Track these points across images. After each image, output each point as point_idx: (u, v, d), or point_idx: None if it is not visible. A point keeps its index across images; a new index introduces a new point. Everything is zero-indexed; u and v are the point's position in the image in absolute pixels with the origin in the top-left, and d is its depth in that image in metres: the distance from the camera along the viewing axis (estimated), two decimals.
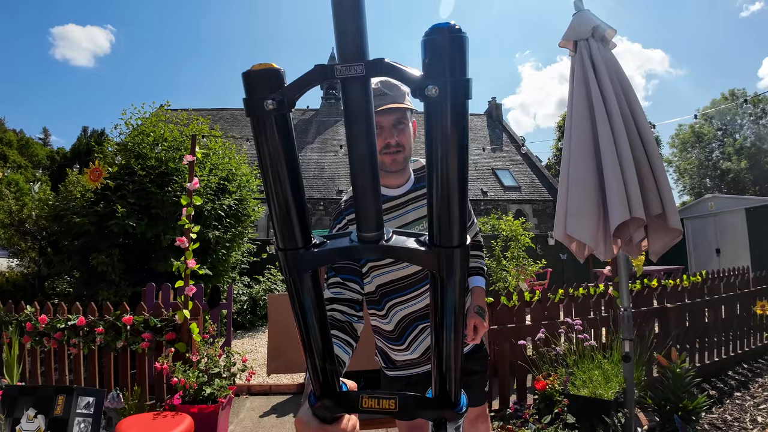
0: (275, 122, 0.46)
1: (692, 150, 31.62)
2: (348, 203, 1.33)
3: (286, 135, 0.48)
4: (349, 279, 1.22)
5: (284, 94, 0.45)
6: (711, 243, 11.43)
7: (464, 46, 0.43)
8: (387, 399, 0.65)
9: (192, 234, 3.18)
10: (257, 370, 4.78)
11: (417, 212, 1.31)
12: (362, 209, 0.53)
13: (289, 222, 0.51)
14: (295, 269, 0.53)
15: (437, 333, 0.58)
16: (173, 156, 5.77)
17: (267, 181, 0.50)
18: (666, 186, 1.94)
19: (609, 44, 2.44)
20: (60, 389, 1.31)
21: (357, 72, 0.44)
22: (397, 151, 1.23)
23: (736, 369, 4.02)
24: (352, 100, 0.47)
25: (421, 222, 1.31)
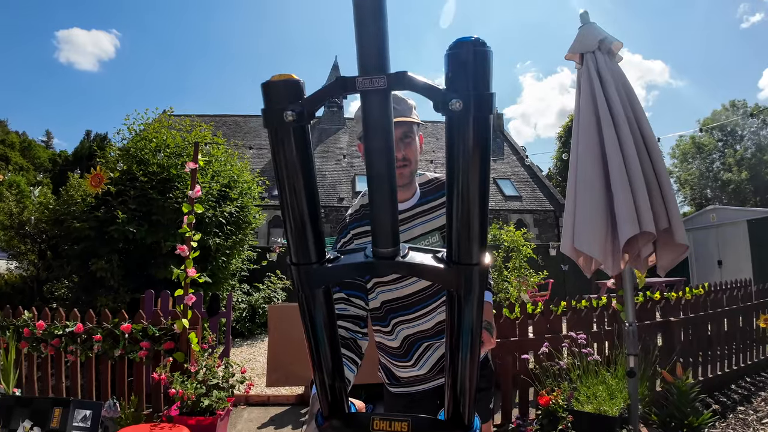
0: (294, 134, 0.45)
1: (693, 161, 31.71)
2: (353, 217, 1.30)
3: (305, 147, 0.47)
4: (353, 295, 1.20)
5: (304, 106, 0.44)
6: (713, 254, 11.39)
7: (488, 60, 0.43)
8: (399, 422, 0.62)
9: (193, 242, 3.16)
10: (255, 380, 4.72)
11: (423, 227, 1.29)
12: (379, 225, 0.51)
13: (303, 236, 0.50)
14: (308, 285, 0.52)
15: (453, 353, 0.56)
16: (175, 162, 5.76)
17: (283, 193, 0.50)
18: (672, 200, 1.93)
19: (615, 57, 2.43)
20: (57, 401, 1.28)
21: (378, 85, 0.43)
22: (403, 165, 1.22)
23: (738, 383, 3.99)
24: (373, 114, 0.46)
25: (427, 237, 1.29)
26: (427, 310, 1.31)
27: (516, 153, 20.41)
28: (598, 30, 2.37)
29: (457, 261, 0.48)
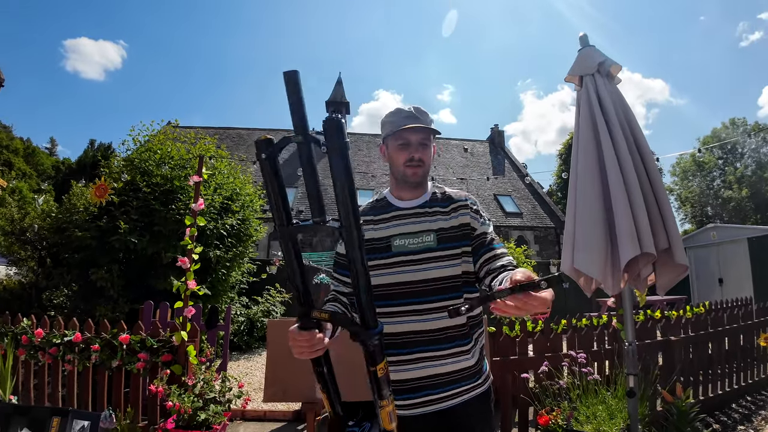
0: (267, 164, 0.90)
1: (693, 178, 31.82)
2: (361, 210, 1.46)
3: (276, 171, 0.92)
4: (343, 274, 1.38)
5: (272, 151, 0.90)
6: (714, 272, 11.36)
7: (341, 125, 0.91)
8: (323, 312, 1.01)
9: (194, 255, 3.17)
10: (252, 394, 4.68)
11: (420, 226, 1.36)
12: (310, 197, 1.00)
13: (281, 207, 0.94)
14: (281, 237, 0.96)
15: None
16: (179, 174, 5.80)
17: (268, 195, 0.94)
18: (672, 220, 1.94)
19: (614, 79, 2.48)
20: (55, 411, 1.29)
21: (300, 140, 0.88)
22: (418, 165, 1.36)
23: (739, 402, 3.97)
24: (302, 157, 0.91)
25: (421, 235, 1.34)
26: (409, 308, 1.30)
27: (517, 170, 20.51)
28: (597, 53, 2.42)
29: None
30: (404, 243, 1.33)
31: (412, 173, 1.36)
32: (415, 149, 1.35)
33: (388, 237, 1.35)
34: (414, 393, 1.31)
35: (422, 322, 1.29)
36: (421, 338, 1.30)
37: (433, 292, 1.29)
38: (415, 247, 1.32)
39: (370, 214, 1.41)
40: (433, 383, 1.30)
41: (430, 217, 1.36)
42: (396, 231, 1.36)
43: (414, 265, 1.31)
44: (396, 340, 1.30)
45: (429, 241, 1.32)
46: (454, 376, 1.31)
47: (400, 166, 1.37)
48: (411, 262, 1.31)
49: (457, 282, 1.30)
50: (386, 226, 1.38)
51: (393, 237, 1.35)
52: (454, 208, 1.37)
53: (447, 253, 1.31)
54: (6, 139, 36.04)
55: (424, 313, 1.30)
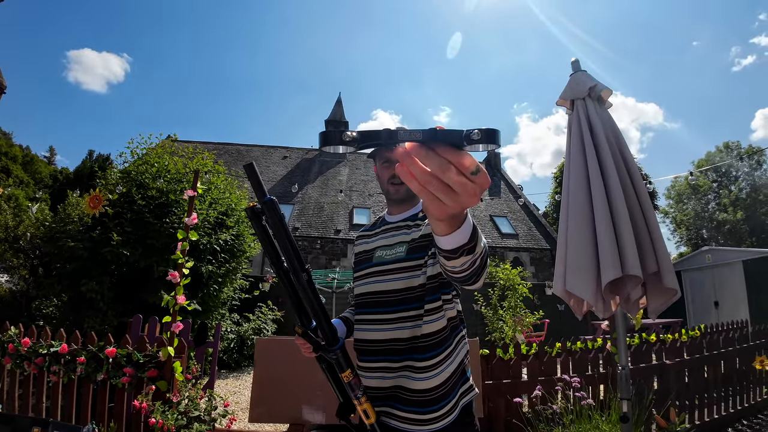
0: (256, 218, 0.99)
1: (688, 201, 32.07)
2: (358, 235, 1.57)
3: (280, 219, 0.98)
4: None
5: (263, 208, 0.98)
6: (709, 295, 11.34)
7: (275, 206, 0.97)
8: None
9: (185, 269, 3.14)
10: (239, 414, 4.57)
11: (399, 238, 1.39)
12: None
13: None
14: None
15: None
16: (174, 188, 5.80)
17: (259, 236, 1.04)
18: (661, 244, 1.95)
19: (605, 104, 2.53)
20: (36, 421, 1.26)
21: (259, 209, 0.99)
22: (400, 183, 1.39)
23: (735, 426, 3.91)
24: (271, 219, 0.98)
25: (394, 248, 1.38)
26: (383, 318, 1.31)
27: (512, 191, 20.66)
28: (589, 78, 2.48)
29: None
30: (382, 255, 1.39)
31: (395, 190, 1.41)
32: (395, 167, 1.37)
33: (373, 249, 1.43)
34: (395, 402, 1.25)
35: (382, 331, 1.30)
36: (381, 347, 1.30)
37: (393, 303, 1.31)
38: (389, 258, 1.37)
39: (366, 230, 1.52)
40: (411, 399, 1.23)
41: (407, 230, 1.39)
42: (380, 243, 1.43)
43: (385, 275, 1.35)
44: (367, 347, 1.34)
45: (400, 252, 1.35)
46: (430, 395, 1.22)
47: (384, 183, 1.42)
48: (384, 272, 1.36)
49: (420, 292, 1.27)
50: (375, 239, 1.45)
51: (377, 249, 1.42)
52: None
53: (411, 264, 1.31)
54: (5, 146, 36.06)
55: (385, 322, 1.31)
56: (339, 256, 15.45)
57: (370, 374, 1.30)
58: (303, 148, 22.15)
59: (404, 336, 1.26)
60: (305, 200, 17.75)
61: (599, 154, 2.10)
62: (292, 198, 17.77)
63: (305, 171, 19.61)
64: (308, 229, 16.06)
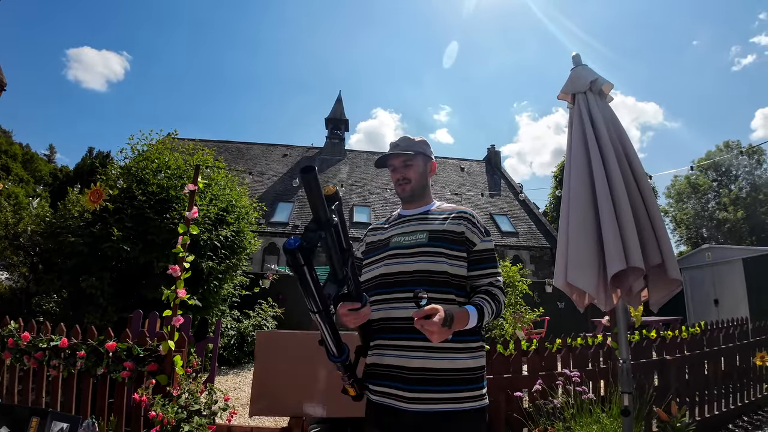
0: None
1: (688, 200, 32.03)
2: (370, 228, 1.70)
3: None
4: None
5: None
6: (709, 293, 11.34)
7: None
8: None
9: (185, 263, 3.13)
10: (239, 410, 4.56)
11: (418, 227, 1.52)
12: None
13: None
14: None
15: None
16: (175, 184, 5.79)
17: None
18: (665, 236, 1.94)
19: (606, 97, 2.52)
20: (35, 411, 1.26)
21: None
22: (404, 183, 1.58)
23: (736, 422, 3.93)
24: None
25: (415, 234, 1.49)
26: (400, 295, 1.38)
27: (513, 190, 20.64)
28: (590, 71, 2.47)
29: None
30: (400, 240, 1.50)
31: (401, 190, 1.59)
32: (399, 171, 1.59)
33: (388, 237, 1.54)
34: (410, 385, 1.32)
35: (399, 309, 1.38)
36: (409, 325, 1.30)
37: (419, 283, 1.37)
38: (408, 242, 1.47)
39: (379, 224, 1.66)
40: (428, 378, 1.32)
41: (428, 222, 1.52)
42: (396, 232, 1.54)
43: (404, 258, 1.44)
44: (386, 325, 1.40)
45: (421, 238, 1.46)
46: (449, 375, 1.32)
47: (394, 187, 1.62)
48: (403, 255, 1.45)
49: (443, 278, 1.39)
50: (389, 230, 1.57)
51: (392, 237, 1.53)
52: (452, 217, 1.51)
53: (433, 250, 1.42)
54: (5, 144, 36.04)
55: (404, 300, 1.37)
56: None
57: (402, 352, 1.35)
58: (303, 146, 22.13)
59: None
60: (305, 198, 17.72)
61: (601, 147, 2.09)
62: (293, 195, 17.76)
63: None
64: None
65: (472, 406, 1.33)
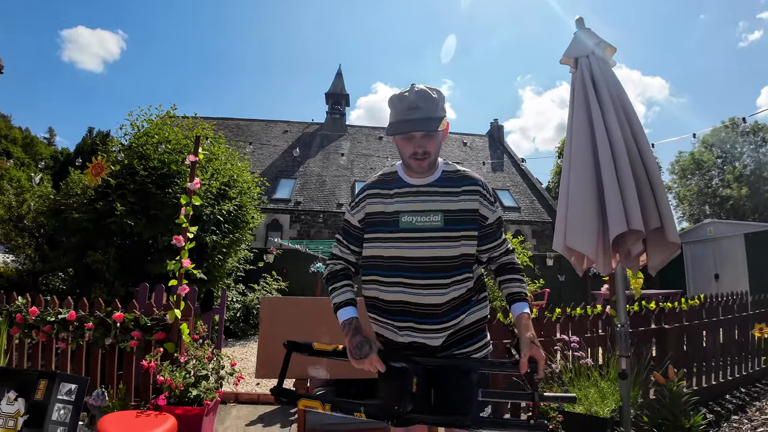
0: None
1: (692, 177, 31.78)
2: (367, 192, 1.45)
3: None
4: (352, 243, 1.47)
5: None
6: (710, 268, 11.39)
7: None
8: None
9: (189, 234, 3.16)
10: (247, 379, 4.69)
11: (429, 204, 1.38)
12: None
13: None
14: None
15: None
16: (176, 158, 5.78)
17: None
18: (664, 200, 1.94)
19: (609, 62, 2.47)
20: (43, 374, 1.29)
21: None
22: (423, 158, 1.35)
23: (733, 393, 3.96)
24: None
25: (429, 214, 1.37)
26: (418, 282, 1.36)
27: (515, 164, 20.50)
28: (592, 35, 2.41)
29: None
30: (412, 220, 1.36)
31: (417, 165, 1.36)
32: (419, 143, 1.33)
33: (396, 212, 1.38)
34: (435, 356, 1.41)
35: (417, 295, 1.36)
36: (414, 310, 1.37)
37: (432, 270, 1.35)
38: (421, 225, 1.36)
39: (379, 188, 1.43)
40: (451, 342, 1.42)
41: (440, 197, 1.38)
42: (405, 207, 1.38)
43: (419, 242, 1.35)
44: (406, 308, 1.39)
45: (436, 221, 1.35)
46: (469, 330, 1.43)
47: (405, 157, 1.37)
48: (416, 239, 1.35)
49: (456, 262, 1.36)
50: (395, 201, 1.39)
51: (401, 213, 1.38)
52: (465, 191, 1.39)
53: (451, 235, 1.35)
54: (5, 128, 35.86)
55: (420, 287, 1.36)
56: None
57: (410, 333, 1.39)
58: (304, 122, 21.91)
59: (441, 301, 1.35)
60: (307, 174, 17.69)
61: (603, 110, 2.07)
62: (295, 172, 17.71)
63: (306, 146, 19.46)
64: (310, 203, 16.08)
65: (485, 353, 1.47)
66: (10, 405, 1.17)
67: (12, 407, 1.17)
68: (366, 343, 1.28)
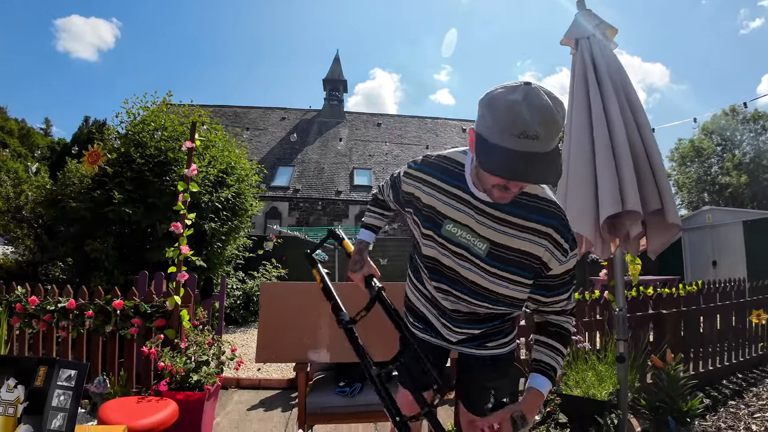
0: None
1: (691, 164, 31.74)
2: (422, 167, 1.28)
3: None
4: (387, 209, 1.57)
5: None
6: (708, 255, 11.43)
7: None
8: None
9: (187, 220, 3.15)
10: (248, 364, 4.73)
11: (483, 229, 1.16)
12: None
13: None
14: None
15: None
16: (173, 146, 5.74)
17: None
18: (664, 182, 1.93)
19: (610, 43, 2.44)
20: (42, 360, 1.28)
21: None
22: (509, 194, 1.09)
23: (730, 378, 3.99)
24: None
25: (481, 240, 1.17)
26: (470, 299, 1.24)
27: None
28: (593, 16, 2.38)
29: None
30: (453, 231, 1.19)
31: (499, 197, 1.09)
32: (515, 184, 1.04)
33: (444, 215, 1.20)
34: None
35: (447, 300, 1.31)
36: (459, 317, 1.35)
37: (472, 293, 1.23)
38: (458, 241, 1.19)
39: (439, 176, 1.22)
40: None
41: (497, 224, 1.14)
42: (455, 216, 1.19)
43: (455, 257, 1.21)
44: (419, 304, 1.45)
45: (479, 249, 1.17)
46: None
47: (487, 183, 1.08)
48: (452, 252, 1.20)
49: (496, 296, 1.20)
50: (449, 201, 1.19)
51: (448, 219, 1.19)
52: (533, 230, 1.13)
53: (492, 270, 1.17)
54: (1, 120, 35.59)
55: (447, 293, 1.29)
56: (341, 217, 15.52)
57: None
58: (301, 109, 21.74)
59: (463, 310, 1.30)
60: (305, 161, 17.61)
61: (602, 92, 2.04)
62: (293, 159, 17.64)
63: (304, 133, 19.35)
64: (309, 190, 16.05)
65: (512, 347, 1.47)
66: (9, 392, 1.16)
67: (12, 394, 1.16)
68: (361, 263, 1.47)
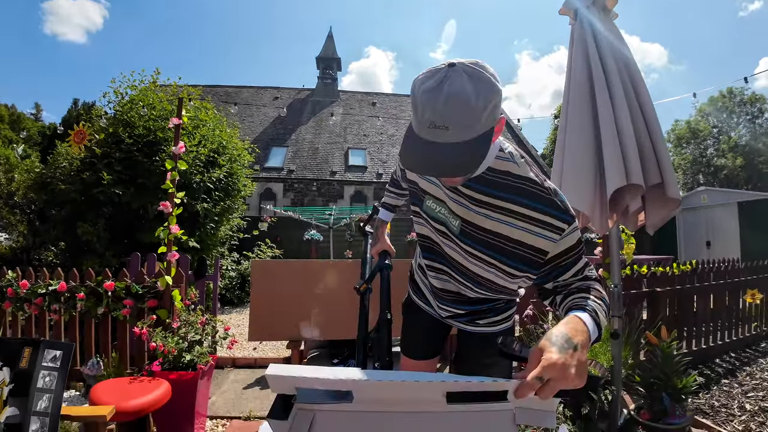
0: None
1: (687, 146, 31.75)
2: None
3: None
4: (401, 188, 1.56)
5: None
6: (702, 235, 11.52)
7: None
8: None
9: (176, 199, 3.09)
10: (244, 344, 4.74)
11: (456, 205, 1.08)
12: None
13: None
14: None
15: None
16: (161, 125, 5.61)
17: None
18: (665, 156, 1.88)
19: (610, 13, 2.36)
20: (26, 342, 1.25)
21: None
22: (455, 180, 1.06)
23: (723, 357, 4.02)
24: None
25: (455, 219, 1.09)
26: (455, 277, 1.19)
27: (511, 131, 20.28)
28: None
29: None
30: (434, 207, 1.14)
31: (447, 181, 1.05)
32: (445, 180, 1.06)
33: (424, 191, 1.16)
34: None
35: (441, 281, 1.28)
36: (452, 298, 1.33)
37: (440, 255, 1.22)
38: (440, 216, 1.13)
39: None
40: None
41: (470, 203, 1.05)
42: (433, 191, 1.14)
43: (442, 236, 1.16)
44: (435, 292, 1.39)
45: (453, 225, 1.10)
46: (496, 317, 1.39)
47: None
48: (439, 231, 1.16)
49: (474, 278, 1.13)
50: (427, 177, 1.14)
51: (428, 195, 1.15)
52: (511, 212, 1.00)
53: (464, 248, 1.09)
54: None
55: (440, 272, 1.26)
56: (336, 198, 15.43)
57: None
58: (294, 88, 21.37)
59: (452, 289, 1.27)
60: (299, 141, 17.41)
61: (604, 65, 1.97)
62: (287, 140, 17.41)
63: (297, 112, 19.06)
64: (303, 171, 15.90)
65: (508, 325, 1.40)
66: None
67: None
68: (376, 239, 1.59)
